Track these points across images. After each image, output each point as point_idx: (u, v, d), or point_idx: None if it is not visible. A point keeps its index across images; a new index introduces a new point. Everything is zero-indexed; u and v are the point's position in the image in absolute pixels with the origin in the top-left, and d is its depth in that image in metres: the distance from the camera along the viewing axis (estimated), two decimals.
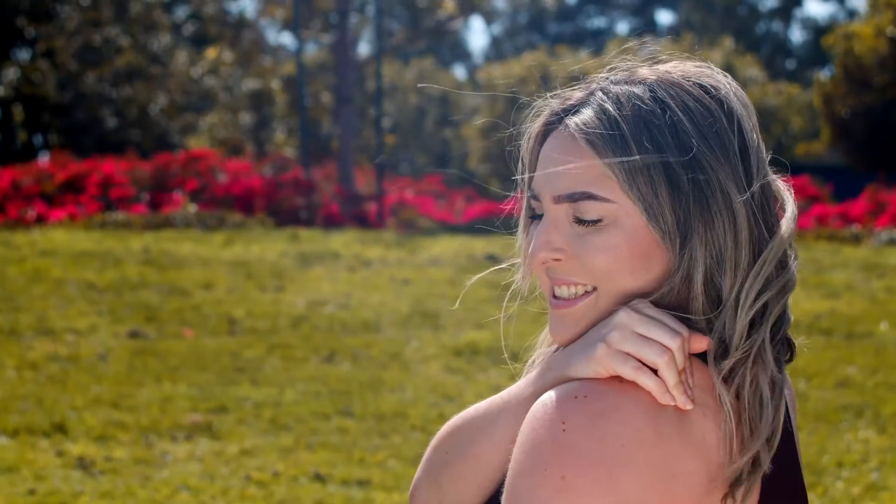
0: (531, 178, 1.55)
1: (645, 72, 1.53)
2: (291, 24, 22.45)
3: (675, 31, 51.04)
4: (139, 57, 33.94)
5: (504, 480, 1.48)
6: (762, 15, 52.50)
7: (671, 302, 1.48)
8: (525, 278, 1.64)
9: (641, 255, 1.47)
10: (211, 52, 27.53)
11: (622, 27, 59.09)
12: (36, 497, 5.94)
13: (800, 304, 10.92)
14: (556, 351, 1.58)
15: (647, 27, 55.63)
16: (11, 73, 33.16)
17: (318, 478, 6.37)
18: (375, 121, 22.07)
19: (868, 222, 17.10)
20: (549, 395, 1.42)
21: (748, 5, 51.73)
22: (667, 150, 1.45)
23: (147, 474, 6.36)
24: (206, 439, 7.08)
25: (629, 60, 1.58)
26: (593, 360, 1.43)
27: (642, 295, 1.48)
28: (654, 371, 1.42)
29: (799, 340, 1.56)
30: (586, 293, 1.50)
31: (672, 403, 1.40)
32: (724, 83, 1.52)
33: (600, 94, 1.51)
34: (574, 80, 1.59)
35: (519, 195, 1.60)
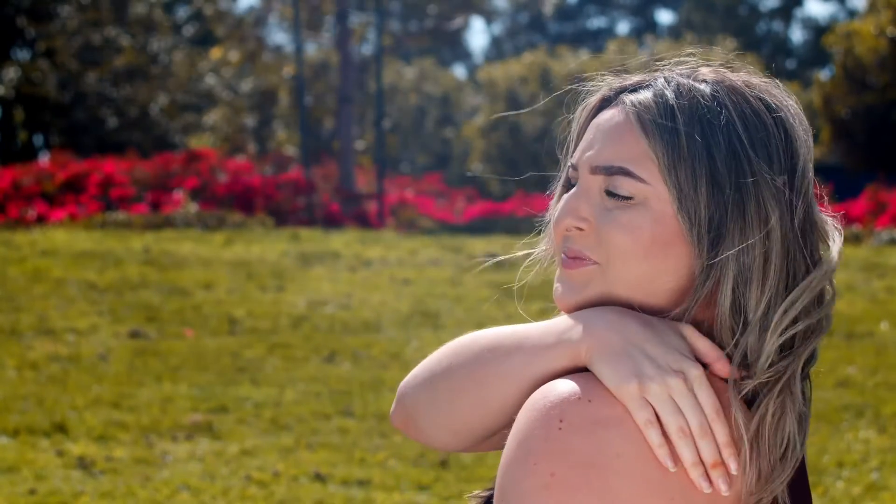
0: (574, 150, 1.54)
1: (709, 72, 1.52)
2: (293, 24, 22.45)
3: (675, 31, 51.06)
4: (139, 57, 33.94)
5: (498, 419, 1.47)
6: (763, 15, 52.50)
7: (695, 312, 1.45)
8: (548, 249, 1.61)
9: (662, 243, 1.44)
10: (215, 52, 27.52)
11: (623, 27, 59.10)
12: (36, 497, 5.94)
13: None
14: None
15: (647, 27, 55.63)
16: (12, 73, 33.16)
17: (319, 478, 6.37)
18: (376, 120, 22.07)
19: (868, 222, 17.10)
20: (553, 388, 1.39)
21: (749, 5, 51.73)
22: (715, 148, 1.43)
23: (147, 474, 6.36)
24: (207, 439, 7.08)
25: (693, 58, 1.56)
26: (619, 385, 1.39)
27: (651, 285, 1.45)
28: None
29: None
30: (594, 264, 1.48)
31: (672, 469, 1.36)
32: (788, 105, 1.50)
33: (662, 80, 1.50)
34: (642, 65, 1.58)
35: (561, 167, 1.58)
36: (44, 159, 29.25)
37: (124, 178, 18.87)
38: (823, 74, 32.64)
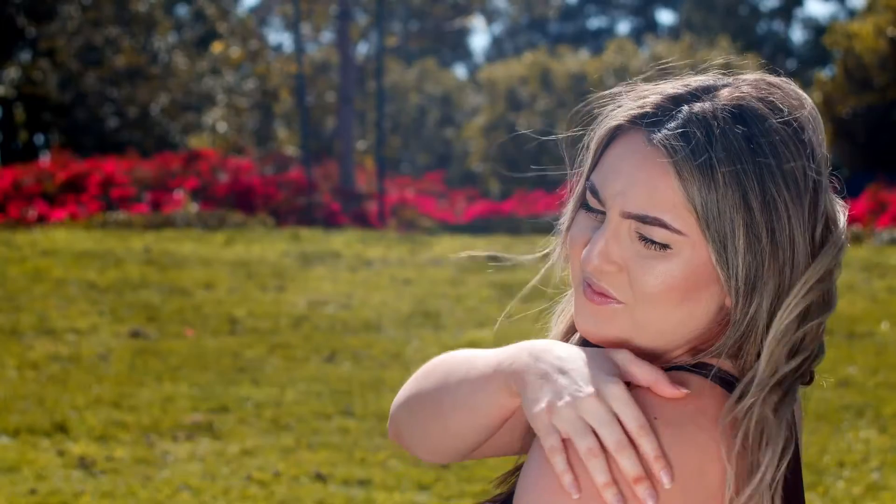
0: (593, 169, 1.51)
1: (728, 94, 1.48)
2: (293, 24, 22.45)
3: (675, 31, 51.06)
4: (140, 57, 33.94)
5: (462, 443, 1.51)
6: (763, 15, 52.50)
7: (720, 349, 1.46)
8: (560, 262, 1.59)
9: (695, 288, 1.43)
10: (216, 46, 27.50)
11: (623, 27, 59.11)
12: (37, 497, 5.95)
13: None
14: (578, 342, 1.54)
15: (647, 27, 55.63)
16: (12, 73, 33.17)
17: (319, 478, 6.37)
18: (377, 121, 22.07)
19: (869, 222, 17.10)
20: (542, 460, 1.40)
21: (749, 5, 51.72)
22: (752, 196, 1.40)
23: (148, 474, 6.36)
24: (207, 439, 7.08)
25: (699, 66, 1.54)
26: (530, 412, 1.38)
27: (682, 328, 1.46)
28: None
29: None
30: (620, 305, 1.46)
31: (574, 496, 1.35)
32: (804, 116, 1.48)
33: (686, 109, 1.45)
34: (660, 70, 1.55)
35: (576, 177, 1.55)
36: (44, 159, 29.25)
37: (125, 178, 18.87)
38: (824, 74, 32.64)
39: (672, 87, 1.49)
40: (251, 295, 11.57)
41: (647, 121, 1.46)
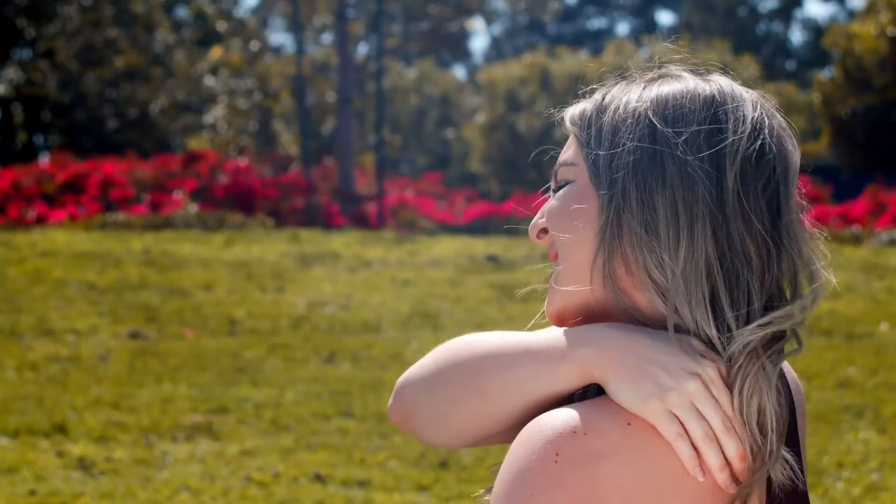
0: None
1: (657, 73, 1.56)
2: (293, 25, 22.46)
3: (675, 32, 51.04)
4: (139, 57, 33.95)
5: (497, 429, 1.48)
6: (762, 16, 52.52)
7: (612, 302, 1.47)
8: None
9: (584, 213, 1.48)
10: (216, 51, 27.52)
11: (622, 28, 59.12)
12: (36, 497, 5.95)
13: None
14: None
15: (647, 28, 55.62)
16: (12, 73, 33.17)
17: (319, 478, 6.37)
18: (376, 121, 22.07)
19: (868, 223, 17.11)
20: (548, 420, 1.39)
21: (748, 6, 51.74)
22: (622, 124, 1.48)
23: (147, 475, 6.36)
24: (207, 440, 7.08)
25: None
26: (642, 405, 1.39)
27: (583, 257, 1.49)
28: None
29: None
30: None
31: (700, 478, 1.37)
32: (736, 94, 1.52)
33: (608, 86, 1.56)
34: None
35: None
36: (44, 160, 29.26)
37: (124, 179, 18.88)
38: (823, 75, 32.63)
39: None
40: (250, 296, 11.57)
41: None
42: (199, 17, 38.29)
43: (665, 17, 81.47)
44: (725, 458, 1.39)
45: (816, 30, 51.04)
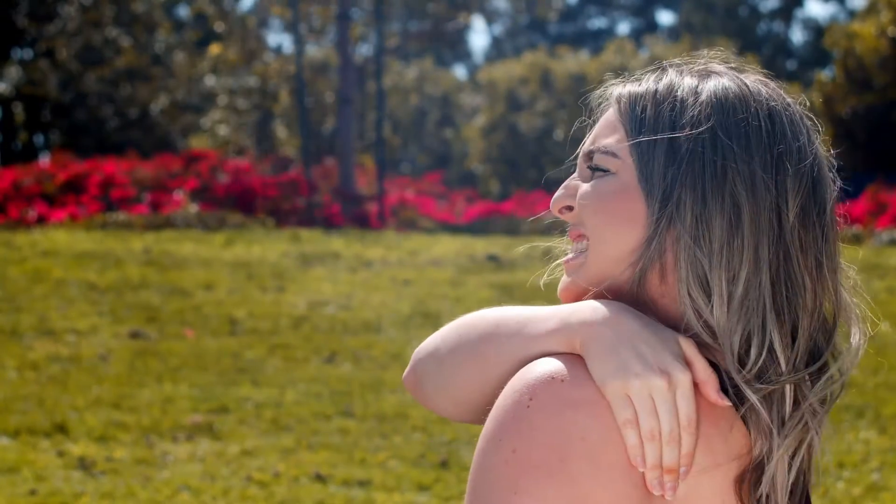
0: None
1: (701, 65, 1.55)
2: (292, 25, 22.46)
3: (675, 32, 51.07)
4: (140, 57, 33.95)
5: (496, 395, 1.47)
6: (763, 15, 52.50)
7: (650, 289, 1.46)
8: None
9: (627, 212, 1.47)
10: (214, 49, 27.50)
11: (623, 27, 59.12)
12: (37, 497, 5.95)
13: None
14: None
15: (647, 28, 55.63)
16: (12, 73, 33.18)
17: (319, 478, 6.37)
18: (376, 121, 22.07)
19: (869, 223, 17.10)
20: (533, 367, 1.40)
21: (749, 6, 51.73)
22: (679, 124, 1.46)
23: (148, 475, 6.36)
24: (207, 440, 7.08)
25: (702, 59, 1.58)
26: (604, 381, 1.39)
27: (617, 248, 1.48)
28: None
29: None
30: (582, 254, 1.52)
31: (641, 469, 1.37)
32: (786, 104, 1.51)
33: (658, 73, 1.54)
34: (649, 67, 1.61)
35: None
36: (44, 160, 29.27)
37: (125, 179, 18.88)
38: (824, 75, 32.63)
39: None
40: (251, 296, 11.57)
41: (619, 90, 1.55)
42: (200, 17, 38.30)
43: (665, 17, 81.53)
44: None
45: (817, 30, 51.04)
